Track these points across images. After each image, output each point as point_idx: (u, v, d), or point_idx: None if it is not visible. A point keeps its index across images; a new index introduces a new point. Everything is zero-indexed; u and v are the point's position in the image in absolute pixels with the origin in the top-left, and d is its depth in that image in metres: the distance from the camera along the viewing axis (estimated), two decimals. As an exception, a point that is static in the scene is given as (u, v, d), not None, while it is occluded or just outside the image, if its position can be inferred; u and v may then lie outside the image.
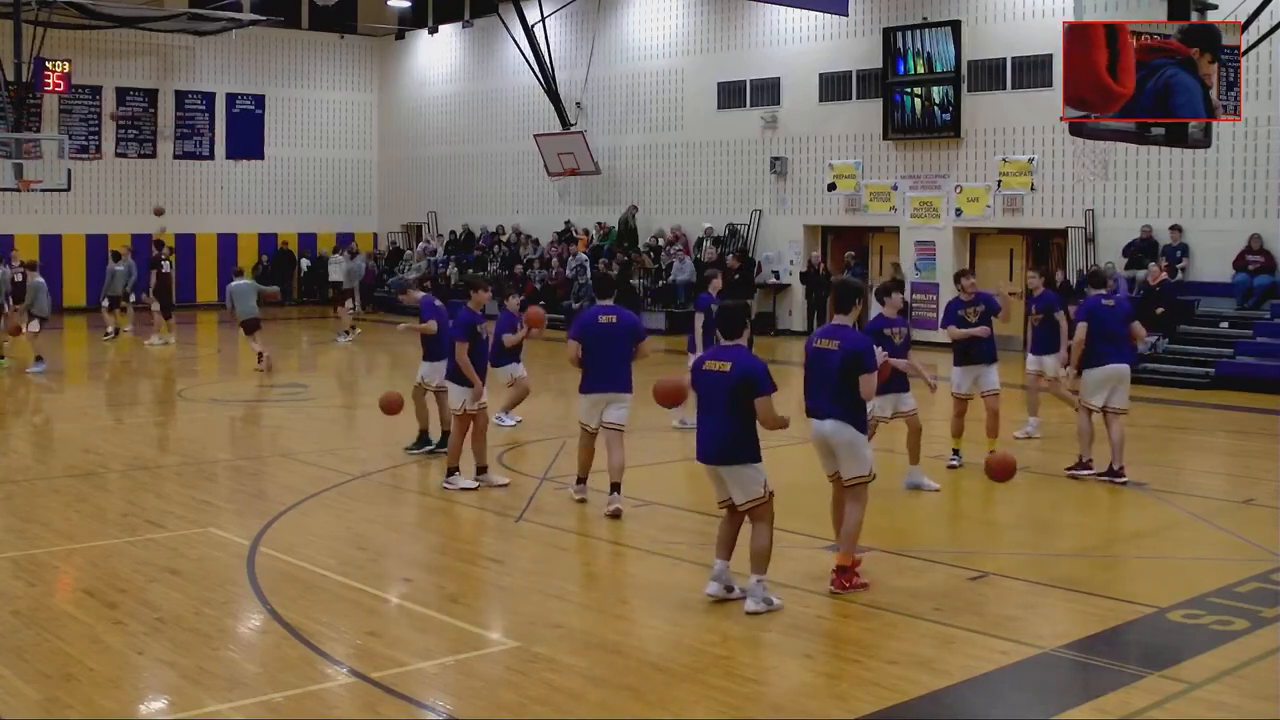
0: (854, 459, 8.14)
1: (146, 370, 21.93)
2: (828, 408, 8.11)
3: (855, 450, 8.13)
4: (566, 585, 8.39)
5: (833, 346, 8.11)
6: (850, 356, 8.01)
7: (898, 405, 11.38)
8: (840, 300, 8.31)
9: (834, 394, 8.08)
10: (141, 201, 33.45)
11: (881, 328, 11.32)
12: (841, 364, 8.01)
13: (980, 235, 24.42)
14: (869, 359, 8.04)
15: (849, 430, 8.09)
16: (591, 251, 29.56)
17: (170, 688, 6.66)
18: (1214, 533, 10.12)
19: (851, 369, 7.99)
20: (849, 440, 8.09)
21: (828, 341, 8.19)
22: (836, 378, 8.06)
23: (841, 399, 8.06)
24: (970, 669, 6.90)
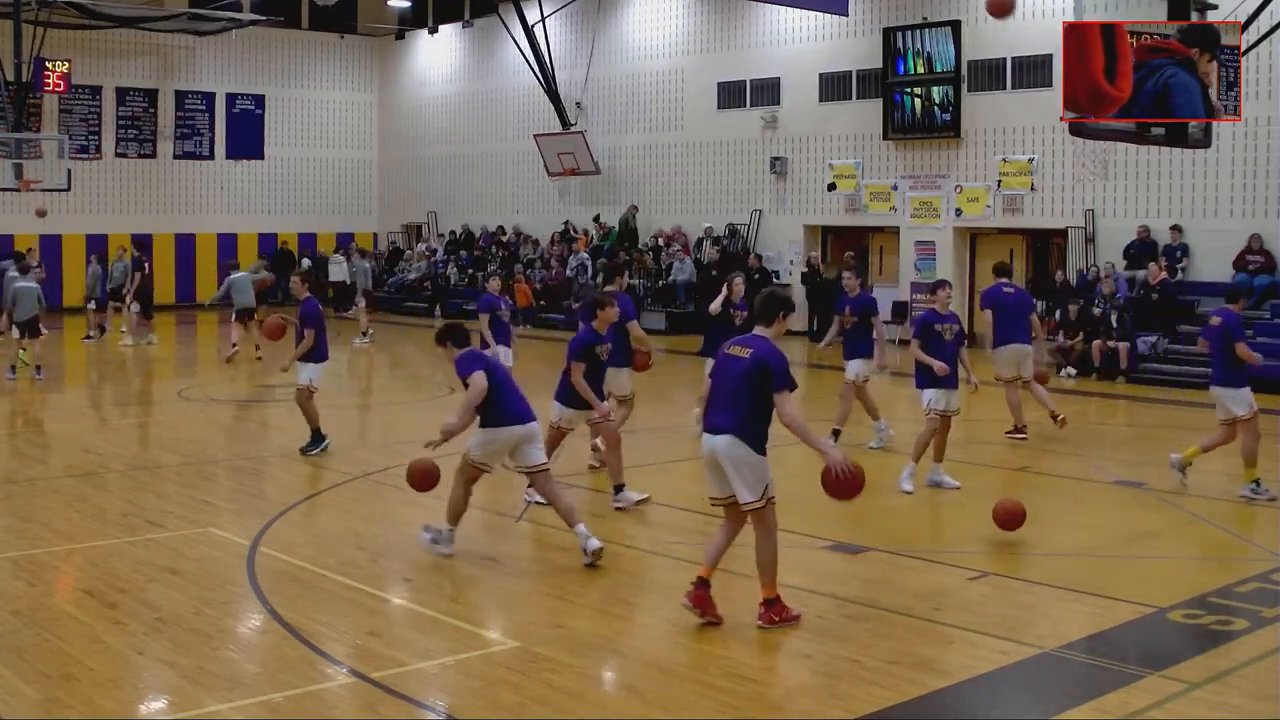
0: (749, 480, 7.33)
1: (146, 371, 21.93)
2: (725, 421, 7.39)
3: (751, 471, 7.34)
4: (566, 585, 8.39)
5: (744, 355, 7.43)
6: (759, 368, 7.31)
7: (949, 403, 11.32)
8: (765, 310, 7.62)
9: (734, 406, 7.38)
10: (141, 201, 33.49)
11: (932, 323, 11.36)
12: (748, 375, 7.34)
13: (980, 235, 24.42)
14: (781, 377, 7.28)
15: (743, 448, 7.32)
16: (592, 251, 29.58)
17: (170, 688, 6.66)
18: (1214, 533, 10.13)
19: (758, 382, 7.30)
20: (743, 458, 7.32)
21: (740, 349, 7.52)
22: (740, 389, 7.38)
23: (740, 413, 7.35)
24: (970, 669, 6.90)
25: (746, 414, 7.35)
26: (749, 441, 7.34)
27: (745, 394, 7.36)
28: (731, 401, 7.41)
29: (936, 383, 11.30)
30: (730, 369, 7.49)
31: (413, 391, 18.71)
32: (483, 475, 9.25)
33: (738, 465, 7.34)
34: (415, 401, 17.65)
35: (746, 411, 7.35)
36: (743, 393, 7.37)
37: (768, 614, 7.48)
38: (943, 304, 11.53)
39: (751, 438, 7.35)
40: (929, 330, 11.41)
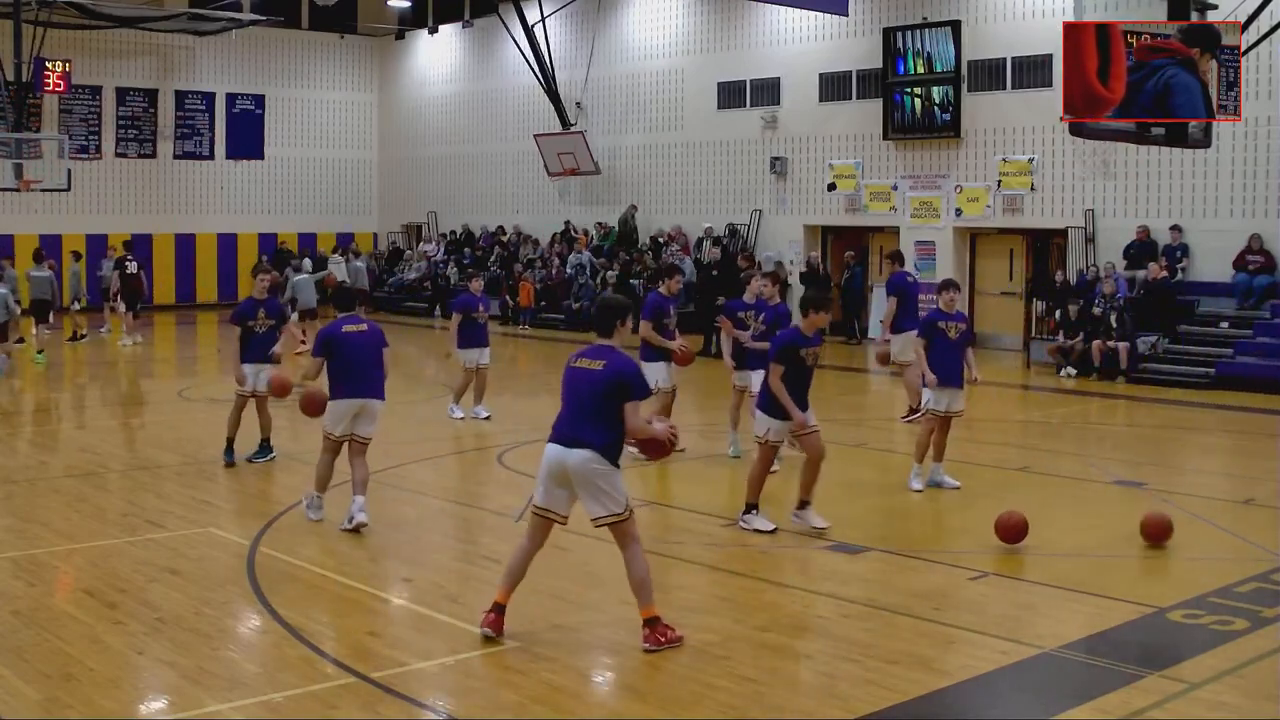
0: (604, 496, 7.11)
1: (146, 371, 21.93)
2: (585, 436, 7.09)
3: (612, 486, 7.12)
4: (566, 585, 8.39)
5: (597, 367, 7.15)
6: (615, 381, 7.07)
7: (950, 403, 11.29)
8: (602, 322, 7.33)
9: (594, 421, 7.10)
10: (141, 201, 33.48)
11: (936, 321, 11.34)
12: (605, 388, 7.08)
13: (980, 235, 24.42)
14: (639, 388, 7.13)
15: (602, 464, 7.07)
16: (592, 250, 29.59)
17: (170, 688, 6.66)
18: (1214, 533, 10.12)
19: (616, 394, 7.07)
20: (602, 474, 7.08)
21: (590, 362, 7.21)
22: (598, 404, 7.11)
23: (600, 428, 7.09)
24: (970, 669, 6.90)
25: (605, 428, 7.10)
26: (610, 457, 7.11)
27: (603, 408, 7.10)
28: (591, 416, 7.11)
29: (942, 382, 11.27)
30: (584, 381, 7.19)
31: (412, 391, 18.67)
32: (341, 448, 9.91)
33: (597, 481, 7.10)
34: (415, 401, 17.63)
35: (605, 426, 7.10)
36: (600, 407, 7.10)
37: (653, 636, 7.14)
38: (948, 304, 11.50)
39: (612, 453, 7.13)
40: (933, 329, 11.37)
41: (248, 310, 12.47)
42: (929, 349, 11.30)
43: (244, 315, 12.42)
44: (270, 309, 12.53)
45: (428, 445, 13.65)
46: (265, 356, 12.38)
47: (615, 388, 7.08)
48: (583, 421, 7.14)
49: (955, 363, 11.33)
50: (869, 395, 20.14)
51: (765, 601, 8.24)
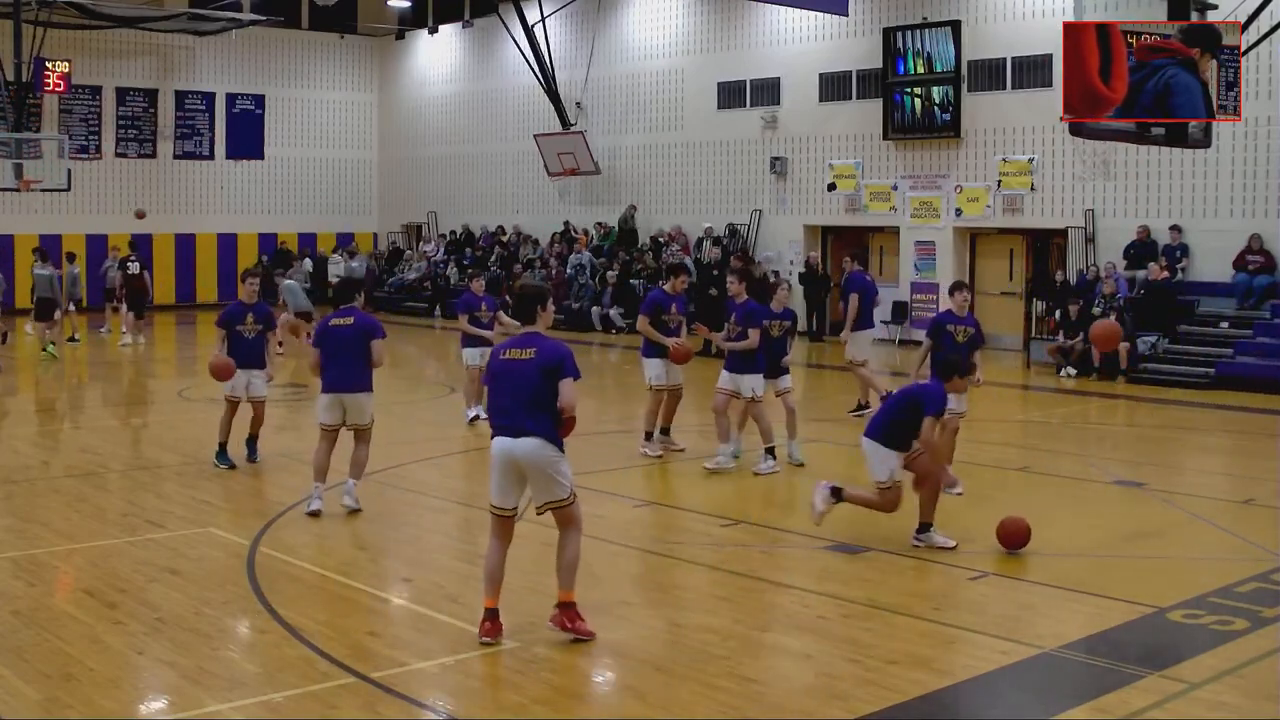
0: (554, 482, 7.21)
1: (146, 371, 21.93)
2: (530, 425, 7.15)
3: (555, 472, 7.21)
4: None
5: (527, 355, 7.24)
6: (547, 365, 7.17)
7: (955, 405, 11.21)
8: (521, 309, 7.50)
9: (535, 409, 7.17)
10: (141, 201, 33.46)
11: (945, 323, 11.28)
12: (540, 374, 7.17)
13: (980, 235, 24.42)
14: (570, 367, 7.20)
15: (550, 450, 7.16)
16: (592, 250, 29.59)
17: (170, 688, 6.66)
18: (1214, 533, 10.12)
19: (551, 377, 7.17)
20: (550, 460, 7.18)
21: (519, 351, 7.29)
22: (538, 390, 7.19)
23: (543, 414, 7.17)
24: (970, 669, 6.90)
25: (548, 414, 7.19)
26: (557, 442, 7.21)
27: (543, 394, 7.19)
28: (532, 405, 7.17)
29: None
30: (516, 371, 7.24)
31: (412, 391, 18.70)
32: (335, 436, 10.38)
33: (547, 469, 7.19)
34: (415, 401, 17.65)
35: (547, 412, 7.19)
36: (540, 393, 7.19)
37: (561, 618, 7.27)
38: (960, 306, 11.44)
39: (555, 439, 7.21)
40: (941, 331, 11.31)
41: (236, 314, 12.37)
42: (932, 349, 11.21)
43: (232, 319, 12.32)
44: (259, 313, 12.40)
45: (428, 445, 13.65)
46: (255, 361, 12.27)
47: (549, 371, 7.17)
48: (523, 411, 7.19)
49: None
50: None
51: (765, 601, 8.24)
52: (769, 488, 11.58)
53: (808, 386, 20.50)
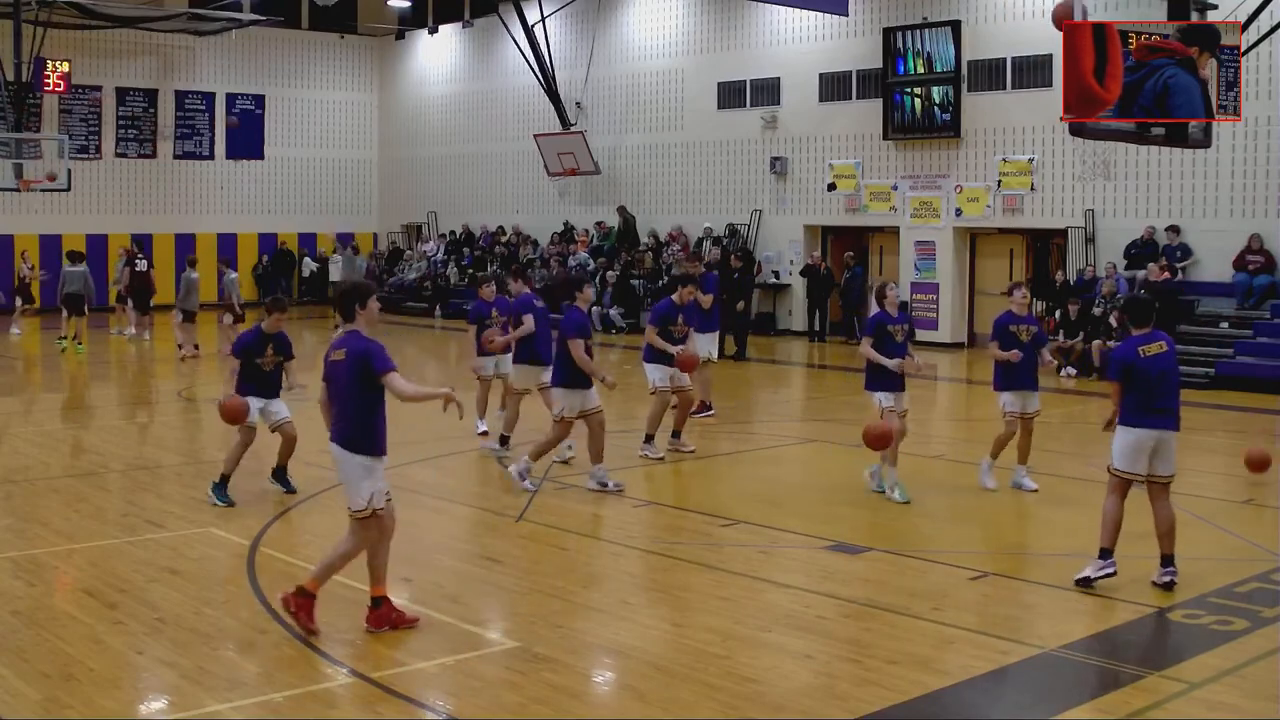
0: (350, 489, 7.41)
1: (145, 370, 21.93)
2: (337, 427, 7.37)
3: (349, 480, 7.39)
4: (566, 585, 8.39)
5: (340, 356, 7.29)
6: (359, 362, 7.20)
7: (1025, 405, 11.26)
8: (343, 307, 7.48)
9: (344, 410, 7.32)
10: (141, 201, 33.50)
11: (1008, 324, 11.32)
12: (351, 372, 7.24)
13: (980, 235, 24.42)
14: (379, 360, 7.16)
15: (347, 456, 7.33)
16: (592, 251, 29.58)
17: (170, 688, 6.66)
18: (1214, 533, 10.13)
19: (363, 374, 7.20)
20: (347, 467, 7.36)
21: (338, 352, 7.33)
22: (346, 391, 7.28)
23: (349, 416, 7.30)
24: (970, 669, 6.90)
25: (360, 418, 7.29)
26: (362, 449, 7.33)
27: (352, 396, 7.27)
28: (343, 406, 7.34)
29: (1011, 385, 11.22)
30: (334, 379, 7.39)
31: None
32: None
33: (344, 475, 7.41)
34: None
35: (358, 414, 7.28)
36: (349, 395, 7.28)
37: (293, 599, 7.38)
38: (1020, 305, 11.43)
39: (362, 444, 7.32)
40: (1005, 332, 11.30)
41: (253, 344, 11.11)
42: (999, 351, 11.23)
43: (249, 349, 11.08)
44: (279, 344, 11.22)
45: (428, 445, 13.64)
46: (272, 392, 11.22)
47: (361, 369, 7.20)
48: (339, 413, 7.38)
49: (1027, 365, 11.21)
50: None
51: (765, 601, 8.24)
52: (769, 488, 11.58)
53: (808, 386, 20.51)
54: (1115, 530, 8.38)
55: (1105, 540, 8.39)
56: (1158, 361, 8.34)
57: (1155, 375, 8.31)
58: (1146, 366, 8.29)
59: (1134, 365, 8.29)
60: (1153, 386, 8.29)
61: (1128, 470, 8.34)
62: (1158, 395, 8.30)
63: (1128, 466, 8.34)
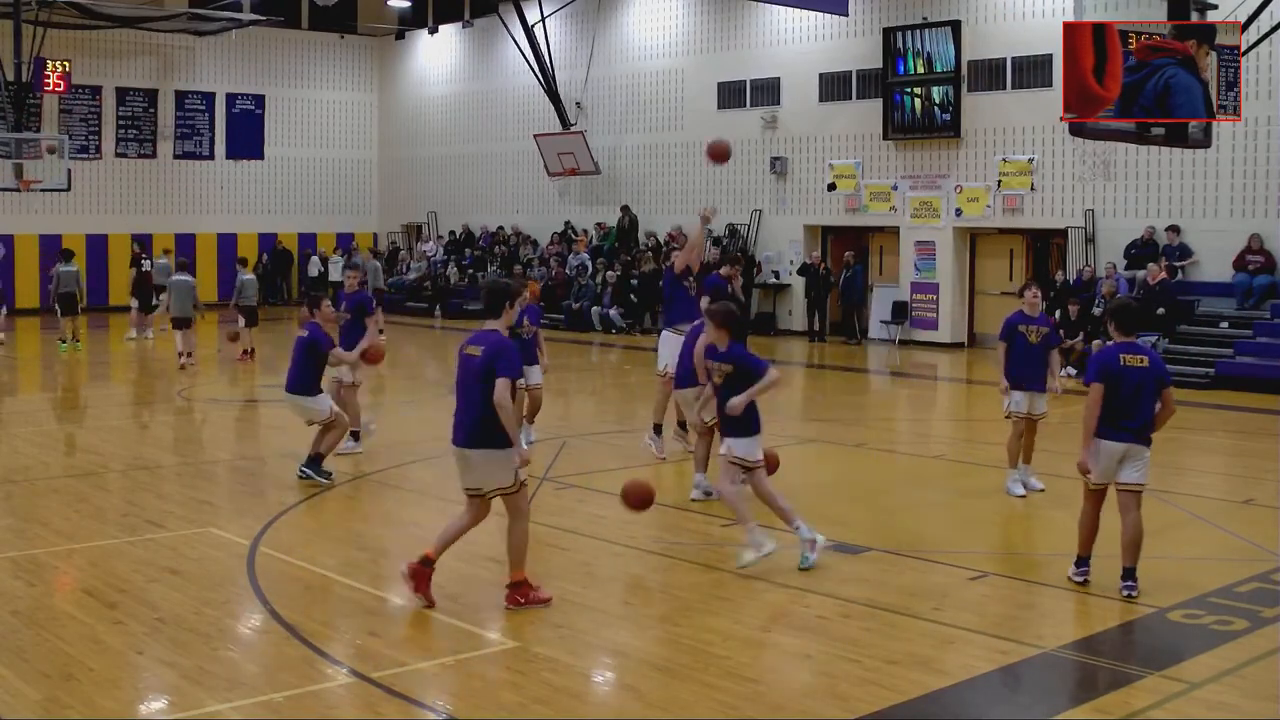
0: (498, 472, 7.68)
1: (145, 370, 21.93)
2: (463, 427, 7.70)
3: (498, 464, 7.65)
4: (567, 585, 8.39)
5: (476, 352, 7.61)
6: (493, 360, 7.50)
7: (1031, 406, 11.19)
8: (491, 304, 7.79)
9: (470, 406, 7.63)
10: (141, 201, 33.50)
11: (1018, 324, 11.23)
12: (484, 370, 7.52)
13: (980, 235, 24.42)
14: (505, 363, 7.47)
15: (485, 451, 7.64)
16: (592, 251, 29.58)
17: (170, 688, 6.66)
18: (1214, 533, 10.12)
19: (488, 375, 7.47)
20: (489, 457, 7.65)
21: (474, 348, 7.65)
22: (475, 387, 7.56)
23: (476, 413, 7.59)
24: (970, 669, 6.90)
25: (486, 412, 7.56)
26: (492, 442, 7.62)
27: (481, 392, 7.54)
28: (472, 402, 7.61)
29: (1018, 385, 11.15)
30: (465, 373, 7.68)
31: (412, 392, 18.70)
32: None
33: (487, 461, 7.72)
34: (415, 401, 17.64)
35: (484, 409, 7.55)
36: (478, 391, 7.56)
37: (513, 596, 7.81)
38: (1031, 305, 11.30)
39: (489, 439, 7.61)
40: (1013, 332, 11.24)
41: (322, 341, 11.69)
42: (1008, 352, 11.15)
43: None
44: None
45: (428, 445, 13.63)
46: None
47: (489, 370, 7.49)
48: (467, 409, 7.65)
49: (1035, 366, 11.12)
50: (869, 395, 20.13)
51: (765, 601, 8.24)
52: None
53: (807, 387, 20.51)
54: (1091, 538, 8.30)
55: (1082, 548, 8.35)
56: (1138, 374, 8.03)
57: (1133, 387, 8.01)
58: (1125, 376, 8.01)
59: (1112, 371, 8.03)
60: (1127, 398, 8.01)
61: (1097, 481, 8.19)
62: (1132, 409, 8.02)
63: (1097, 477, 8.18)
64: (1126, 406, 8.02)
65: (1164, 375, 8.16)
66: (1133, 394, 8.03)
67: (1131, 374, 8.04)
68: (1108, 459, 8.09)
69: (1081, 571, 8.36)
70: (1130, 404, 8.02)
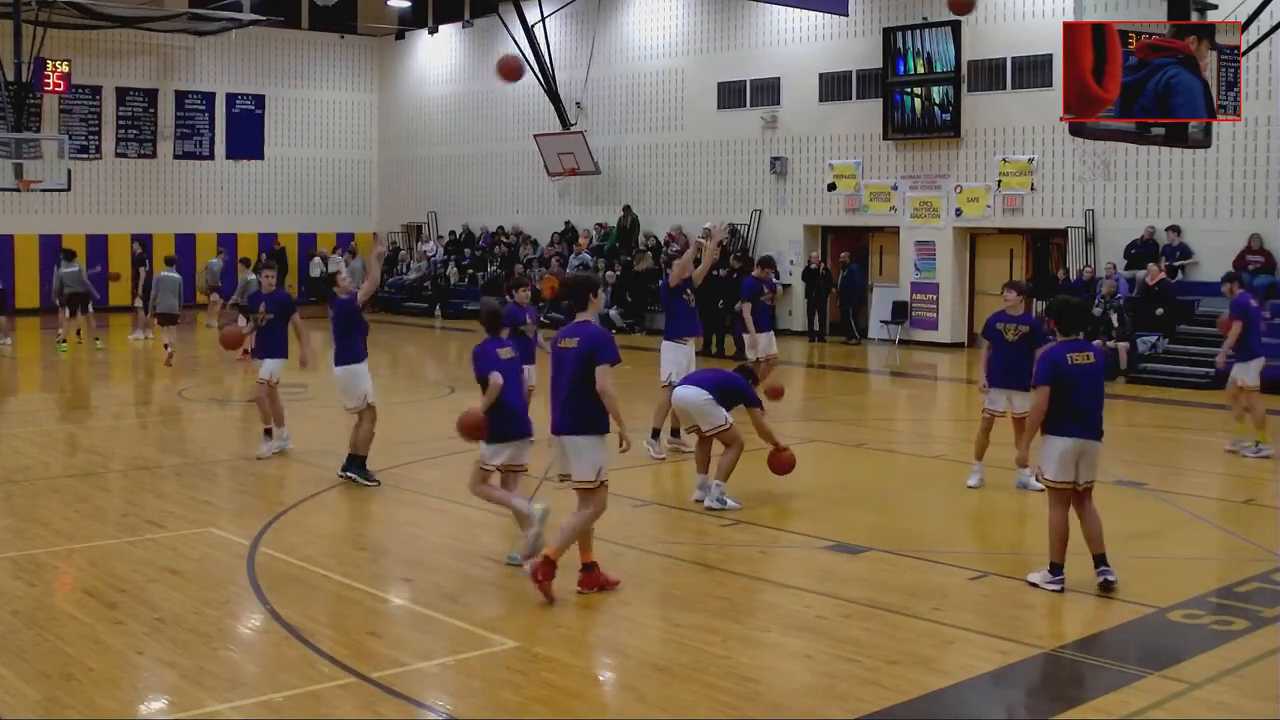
0: (589, 458, 7.92)
1: (146, 370, 21.93)
2: (563, 415, 7.92)
3: (591, 449, 7.91)
4: (567, 585, 8.38)
5: (573, 344, 7.90)
6: (592, 350, 7.81)
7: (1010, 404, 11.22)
8: (577, 296, 8.10)
9: (570, 395, 7.86)
10: (141, 201, 33.50)
11: (996, 323, 11.35)
12: (582, 359, 7.82)
13: (980, 235, 24.43)
14: (606, 350, 7.81)
15: (583, 438, 7.89)
16: (592, 251, 29.58)
17: (170, 688, 6.66)
18: (1214, 533, 10.13)
19: (592, 362, 7.78)
20: (585, 445, 7.89)
21: (569, 340, 7.95)
22: (574, 376, 7.84)
23: (576, 401, 7.84)
24: (970, 669, 6.90)
25: (585, 403, 7.84)
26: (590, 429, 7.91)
27: (579, 383, 7.84)
28: (570, 393, 7.87)
29: (998, 383, 11.22)
30: (560, 365, 7.96)
31: (413, 391, 18.70)
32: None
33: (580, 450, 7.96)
34: (415, 401, 17.64)
35: (584, 400, 7.83)
36: (577, 382, 7.84)
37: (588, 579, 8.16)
38: (1011, 305, 11.42)
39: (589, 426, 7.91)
40: (993, 330, 11.36)
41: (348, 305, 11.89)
42: (989, 350, 11.32)
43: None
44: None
45: (428, 445, 13.65)
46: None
47: (588, 359, 7.78)
48: (564, 400, 7.87)
49: (1015, 364, 11.08)
50: (869, 395, 20.14)
51: (765, 601, 8.24)
52: (769, 488, 11.57)
53: (807, 386, 20.51)
54: (1063, 543, 8.25)
55: (1055, 555, 8.25)
56: (1087, 372, 8.14)
57: (1084, 386, 8.10)
58: (1074, 374, 8.10)
59: (1060, 371, 8.10)
60: (1079, 397, 8.10)
61: (1059, 479, 8.20)
62: (1085, 406, 8.11)
63: (1059, 475, 8.19)
64: (1080, 404, 8.13)
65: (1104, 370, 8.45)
66: (1084, 392, 8.15)
67: (1080, 372, 8.16)
68: (1066, 457, 8.16)
69: (1056, 580, 8.26)
70: (1084, 402, 8.14)
